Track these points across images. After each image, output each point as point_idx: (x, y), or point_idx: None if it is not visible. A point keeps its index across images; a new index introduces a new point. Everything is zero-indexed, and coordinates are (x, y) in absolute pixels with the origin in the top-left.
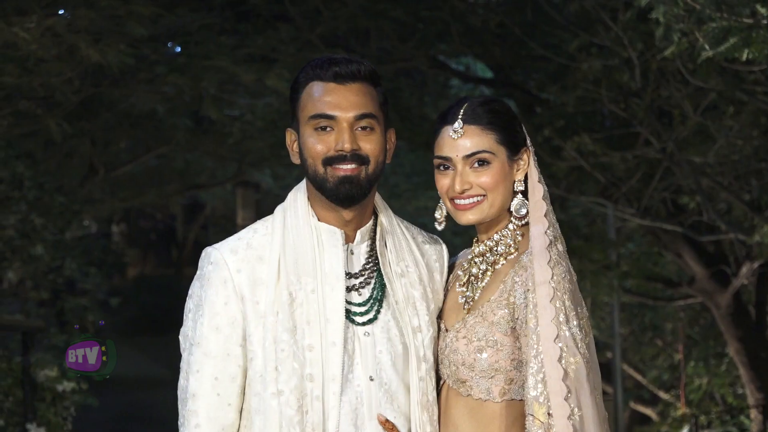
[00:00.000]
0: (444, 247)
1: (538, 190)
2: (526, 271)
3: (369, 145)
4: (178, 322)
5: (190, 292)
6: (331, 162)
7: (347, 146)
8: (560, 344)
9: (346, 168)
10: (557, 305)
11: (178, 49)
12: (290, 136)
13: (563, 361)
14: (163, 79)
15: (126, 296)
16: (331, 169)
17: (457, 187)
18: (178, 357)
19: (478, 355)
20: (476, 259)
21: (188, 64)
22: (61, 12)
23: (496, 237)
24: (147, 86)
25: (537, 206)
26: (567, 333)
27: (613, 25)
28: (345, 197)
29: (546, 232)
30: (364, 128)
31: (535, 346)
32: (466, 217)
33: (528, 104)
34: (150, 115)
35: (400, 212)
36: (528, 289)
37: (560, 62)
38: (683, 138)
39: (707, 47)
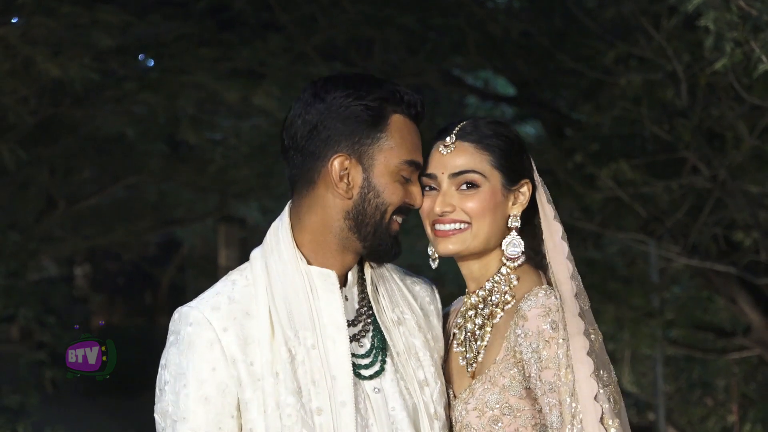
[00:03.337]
0: (434, 287)
1: (556, 229)
2: (527, 321)
3: None
4: (152, 379)
5: (163, 362)
6: (399, 213)
7: (420, 202)
8: (600, 403)
9: (399, 223)
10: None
11: (151, 63)
12: (343, 162)
13: (605, 423)
14: (133, 97)
15: None
16: (395, 223)
17: (437, 209)
18: (152, 420)
19: (494, 425)
20: (469, 313)
21: (162, 80)
22: (14, 20)
23: (488, 285)
24: (114, 106)
25: (558, 248)
26: (602, 390)
27: (655, 33)
28: (394, 256)
29: (571, 279)
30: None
31: (574, 405)
32: (445, 246)
33: (557, 126)
34: (118, 139)
35: (409, 251)
36: (538, 346)
37: (594, 77)
38: (737, 164)
39: (765, 59)
